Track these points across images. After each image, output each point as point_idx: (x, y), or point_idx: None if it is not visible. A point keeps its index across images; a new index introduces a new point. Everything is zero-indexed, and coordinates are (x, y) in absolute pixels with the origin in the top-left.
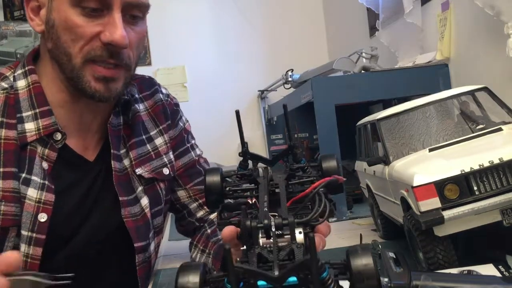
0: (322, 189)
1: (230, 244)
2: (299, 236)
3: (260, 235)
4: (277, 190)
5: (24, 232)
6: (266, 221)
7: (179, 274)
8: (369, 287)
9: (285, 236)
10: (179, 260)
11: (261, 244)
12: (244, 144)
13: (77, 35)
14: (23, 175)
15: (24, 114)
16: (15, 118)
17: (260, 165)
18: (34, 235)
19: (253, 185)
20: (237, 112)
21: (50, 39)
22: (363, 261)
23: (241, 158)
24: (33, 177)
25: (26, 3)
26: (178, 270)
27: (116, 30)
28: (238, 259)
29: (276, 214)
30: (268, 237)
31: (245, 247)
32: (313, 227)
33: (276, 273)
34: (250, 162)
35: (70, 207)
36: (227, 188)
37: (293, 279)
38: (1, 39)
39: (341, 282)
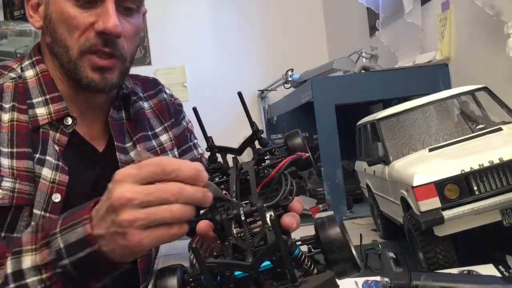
0: (289, 168)
1: (208, 238)
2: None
3: (233, 226)
4: (249, 177)
5: (37, 211)
6: (235, 211)
7: (157, 280)
8: (342, 257)
9: (259, 222)
10: (179, 260)
11: (234, 234)
12: (208, 139)
13: (72, 27)
14: (37, 155)
15: (34, 100)
16: (26, 104)
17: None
18: (47, 214)
19: (225, 177)
20: (195, 109)
21: (48, 33)
22: (332, 232)
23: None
24: (48, 158)
25: (27, 1)
26: (155, 275)
27: (109, 19)
28: (215, 253)
29: (248, 201)
30: (241, 225)
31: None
32: (285, 207)
33: (250, 260)
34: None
35: (81, 191)
36: None
37: (268, 262)
38: (1, 38)
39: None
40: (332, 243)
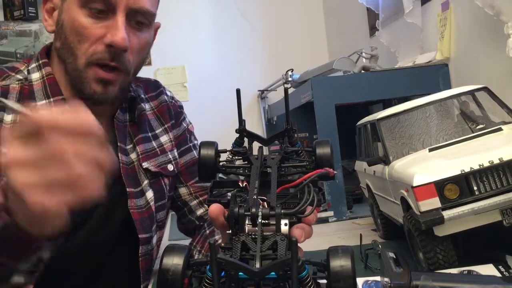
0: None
1: (217, 223)
2: (284, 228)
3: (246, 222)
4: (269, 170)
5: None
6: (253, 210)
7: (164, 254)
8: (344, 287)
9: (271, 225)
10: None
11: (246, 231)
12: (241, 121)
13: (83, 36)
14: None
15: (38, 103)
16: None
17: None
18: None
19: (246, 163)
20: (238, 91)
21: (59, 39)
22: (342, 262)
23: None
24: None
25: (43, 5)
26: (163, 250)
27: (118, 32)
28: (222, 244)
29: (265, 198)
30: (254, 224)
31: (230, 231)
32: (299, 218)
33: (257, 266)
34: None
35: None
36: (221, 163)
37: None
38: (1, 39)
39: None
40: (340, 273)
